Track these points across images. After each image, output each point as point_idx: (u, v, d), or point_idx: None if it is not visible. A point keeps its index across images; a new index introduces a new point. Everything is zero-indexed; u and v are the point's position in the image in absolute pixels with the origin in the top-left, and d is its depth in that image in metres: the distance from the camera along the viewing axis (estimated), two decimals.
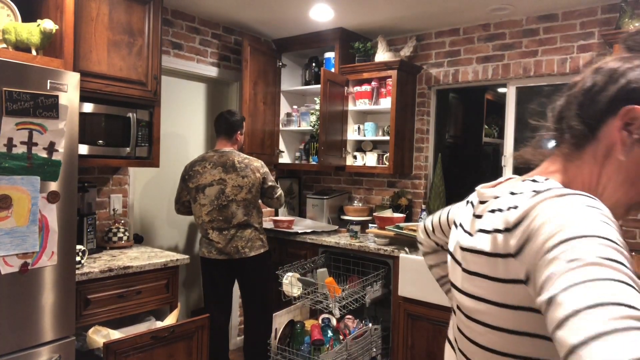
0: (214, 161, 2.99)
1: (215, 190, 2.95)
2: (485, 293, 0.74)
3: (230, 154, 3.03)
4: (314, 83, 3.96)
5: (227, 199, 2.96)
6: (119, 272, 2.44)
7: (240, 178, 2.98)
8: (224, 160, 3.00)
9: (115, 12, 2.64)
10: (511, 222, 0.69)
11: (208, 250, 3.00)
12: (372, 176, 3.96)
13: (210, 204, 2.95)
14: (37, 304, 2.02)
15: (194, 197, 3.00)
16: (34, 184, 1.97)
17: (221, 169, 2.97)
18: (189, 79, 3.66)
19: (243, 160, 3.03)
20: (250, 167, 3.02)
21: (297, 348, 2.66)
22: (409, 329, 2.99)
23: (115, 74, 2.65)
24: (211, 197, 2.95)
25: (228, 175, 2.96)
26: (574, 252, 0.57)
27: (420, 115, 3.71)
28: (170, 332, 2.27)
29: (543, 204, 0.66)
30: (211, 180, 2.96)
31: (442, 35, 3.59)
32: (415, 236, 1.40)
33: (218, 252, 2.97)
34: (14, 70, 1.90)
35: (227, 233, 2.96)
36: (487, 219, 0.76)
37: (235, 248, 2.97)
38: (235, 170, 2.97)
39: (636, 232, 2.86)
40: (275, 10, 3.30)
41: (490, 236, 0.73)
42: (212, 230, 2.97)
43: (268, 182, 3.10)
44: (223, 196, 2.95)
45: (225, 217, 2.96)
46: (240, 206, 2.98)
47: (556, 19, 3.12)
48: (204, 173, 2.97)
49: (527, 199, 0.69)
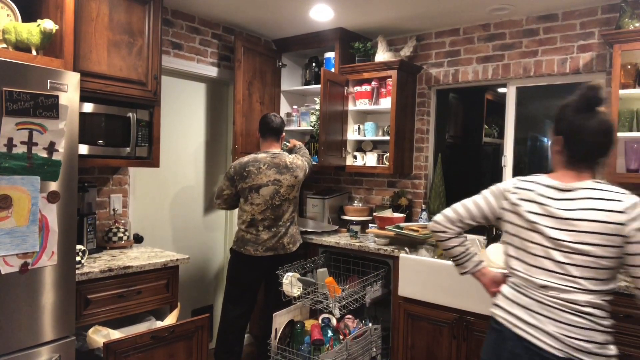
0: (268, 162, 3.08)
1: (271, 190, 3.04)
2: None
3: (281, 156, 3.14)
4: (314, 83, 3.96)
5: (282, 199, 3.07)
6: (119, 272, 2.44)
7: (293, 178, 3.11)
8: (277, 161, 3.10)
9: (116, 12, 2.64)
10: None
11: (254, 248, 3.05)
12: (372, 176, 3.96)
13: (265, 203, 3.04)
14: (37, 303, 2.02)
15: (247, 197, 3.06)
16: (34, 184, 1.97)
17: (275, 170, 3.07)
18: (189, 79, 3.66)
19: (293, 160, 3.16)
20: (300, 167, 3.17)
21: (297, 348, 2.66)
22: (409, 329, 2.99)
23: (115, 74, 2.65)
24: (266, 197, 3.04)
25: (282, 176, 3.07)
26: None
27: (420, 115, 3.71)
28: (170, 332, 2.27)
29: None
30: (267, 180, 3.04)
31: (442, 35, 3.59)
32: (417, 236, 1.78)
33: (265, 249, 3.05)
34: (14, 70, 1.90)
35: (276, 230, 3.07)
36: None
37: (282, 244, 3.09)
38: (288, 170, 3.10)
39: None
40: (275, 10, 3.30)
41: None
42: (264, 228, 3.05)
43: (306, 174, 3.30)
44: (277, 196, 3.06)
45: (276, 215, 3.07)
46: (292, 204, 3.14)
47: (556, 19, 3.12)
48: (259, 174, 3.04)
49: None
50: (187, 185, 3.74)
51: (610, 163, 2.66)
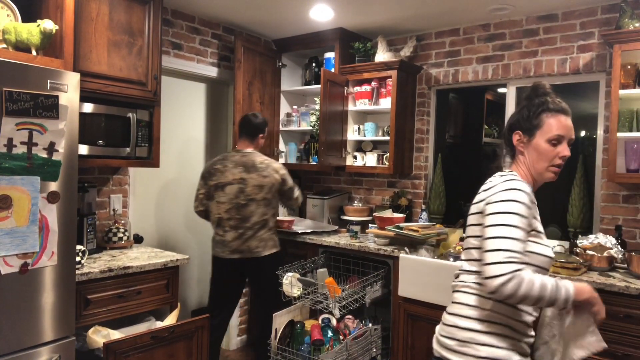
0: (235, 160, 3.04)
1: (235, 189, 2.99)
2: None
3: (252, 155, 3.07)
4: (314, 83, 3.96)
5: (248, 198, 3.00)
6: (119, 272, 2.44)
7: (262, 177, 3.02)
8: (245, 160, 3.04)
9: (115, 12, 2.64)
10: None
11: (221, 250, 3.02)
12: (372, 176, 3.96)
13: (229, 201, 2.99)
14: (37, 304, 2.02)
15: (212, 195, 3.03)
16: (34, 184, 1.97)
17: (242, 168, 3.01)
18: (189, 79, 3.66)
19: (264, 161, 3.07)
20: (272, 167, 3.06)
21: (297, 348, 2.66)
22: (409, 329, 2.99)
23: (115, 74, 2.65)
24: (230, 195, 2.99)
25: (249, 175, 3.00)
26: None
27: (420, 115, 3.71)
28: (170, 332, 2.27)
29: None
30: (232, 179, 3.00)
31: (442, 35, 3.59)
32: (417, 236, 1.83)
33: (231, 252, 2.99)
34: (14, 70, 1.90)
35: (242, 232, 2.99)
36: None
37: (249, 247, 3.00)
38: (256, 170, 3.02)
39: (636, 232, 2.86)
40: (275, 10, 3.30)
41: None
42: (230, 228, 2.99)
43: (288, 183, 3.14)
44: (243, 195, 2.99)
45: (243, 216, 2.99)
46: (260, 205, 3.02)
47: (556, 19, 3.12)
48: (225, 171, 3.01)
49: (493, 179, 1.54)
50: (187, 185, 3.73)
51: (610, 163, 2.66)
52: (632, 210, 2.87)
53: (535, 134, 1.51)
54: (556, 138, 1.49)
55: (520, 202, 1.39)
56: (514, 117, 1.59)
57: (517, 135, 1.55)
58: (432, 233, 3.09)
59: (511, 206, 1.38)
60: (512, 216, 1.37)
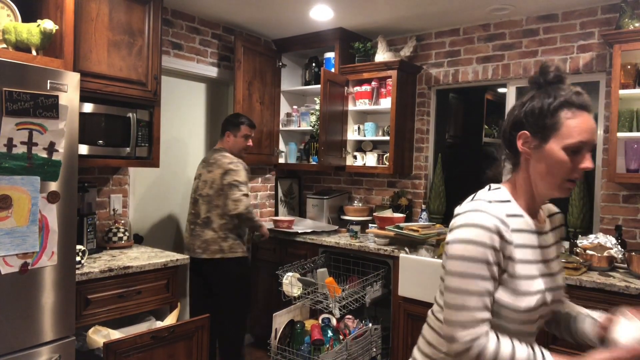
0: (205, 157, 3.16)
1: (194, 185, 3.09)
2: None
3: (215, 151, 3.11)
4: (314, 83, 3.96)
5: (197, 194, 3.04)
6: (119, 272, 2.44)
7: (207, 173, 3.02)
8: (207, 156, 3.14)
9: (115, 12, 2.64)
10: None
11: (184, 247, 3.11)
12: (372, 176, 3.96)
13: (190, 197, 3.10)
14: (37, 304, 2.02)
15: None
16: (34, 184, 1.97)
17: (204, 164, 3.10)
18: (189, 79, 3.66)
19: (219, 158, 3.01)
20: (218, 163, 2.98)
21: (297, 348, 2.66)
22: (409, 329, 2.99)
23: (115, 74, 2.65)
24: (191, 191, 3.11)
25: (203, 170, 3.07)
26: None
27: (420, 115, 3.71)
28: (170, 332, 2.27)
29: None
30: (196, 174, 3.12)
31: (442, 35, 3.59)
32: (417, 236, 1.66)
33: (185, 249, 3.06)
34: (14, 70, 1.90)
35: (192, 228, 3.03)
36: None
37: (192, 246, 3.00)
38: (209, 165, 3.04)
39: (636, 232, 2.86)
40: (275, 10, 3.30)
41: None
42: (187, 223, 3.09)
43: (228, 179, 2.90)
44: (198, 190, 3.05)
45: (195, 212, 3.04)
46: (204, 202, 2.98)
47: (556, 19, 3.12)
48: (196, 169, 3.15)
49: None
50: (187, 185, 3.73)
51: (610, 163, 2.66)
52: (632, 210, 2.87)
53: (549, 138, 1.10)
54: (578, 145, 1.09)
55: (479, 243, 1.06)
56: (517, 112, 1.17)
57: (523, 138, 1.14)
58: (432, 233, 3.09)
59: (469, 250, 1.07)
60: (471, 264, 1.06)
